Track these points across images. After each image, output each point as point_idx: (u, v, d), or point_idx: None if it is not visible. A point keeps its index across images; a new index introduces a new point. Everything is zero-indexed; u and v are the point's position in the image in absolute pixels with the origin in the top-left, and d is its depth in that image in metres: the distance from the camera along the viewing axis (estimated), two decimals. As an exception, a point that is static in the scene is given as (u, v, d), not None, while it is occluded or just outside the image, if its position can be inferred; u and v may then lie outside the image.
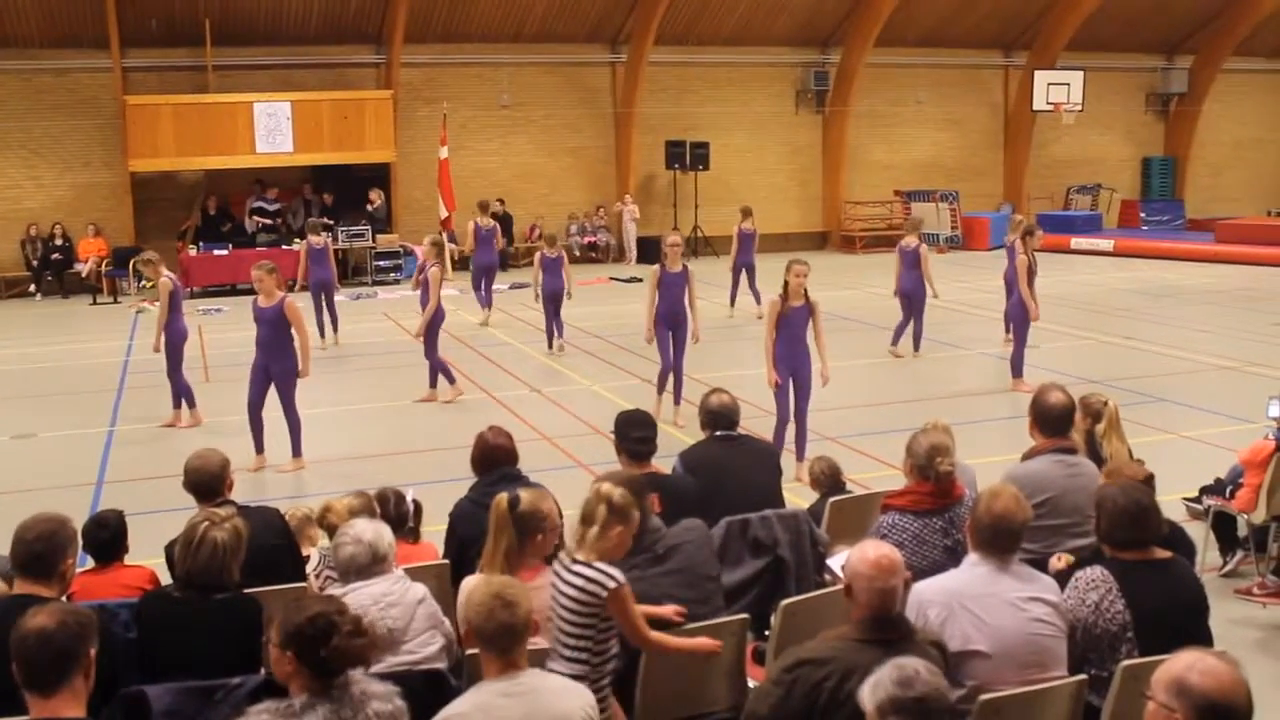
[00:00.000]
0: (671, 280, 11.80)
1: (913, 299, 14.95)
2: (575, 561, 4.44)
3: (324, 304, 16.74)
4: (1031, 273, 12.99)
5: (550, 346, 15.88)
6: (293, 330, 10.41)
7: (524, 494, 4.74)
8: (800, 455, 9.51)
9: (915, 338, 15.04)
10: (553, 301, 15.70)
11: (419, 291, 13.36)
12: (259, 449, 10.56)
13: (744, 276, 18.71)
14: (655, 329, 11.88)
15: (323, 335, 16.33)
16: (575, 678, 4.14)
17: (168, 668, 4.29)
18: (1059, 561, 5.23)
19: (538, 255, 16.07)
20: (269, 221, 23.68)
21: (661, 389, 11.93)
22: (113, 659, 4.04)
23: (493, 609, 3.66)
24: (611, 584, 4.33)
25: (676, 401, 11.82)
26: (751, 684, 4.71)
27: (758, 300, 18.74)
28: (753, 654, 5.19)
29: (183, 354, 12.18)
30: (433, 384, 13.05)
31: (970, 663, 4.21)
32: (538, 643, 4.26)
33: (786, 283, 9.67)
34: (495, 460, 5.84)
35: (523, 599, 3.73)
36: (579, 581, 4.36)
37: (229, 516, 4.66)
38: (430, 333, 12.86)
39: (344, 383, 14.30)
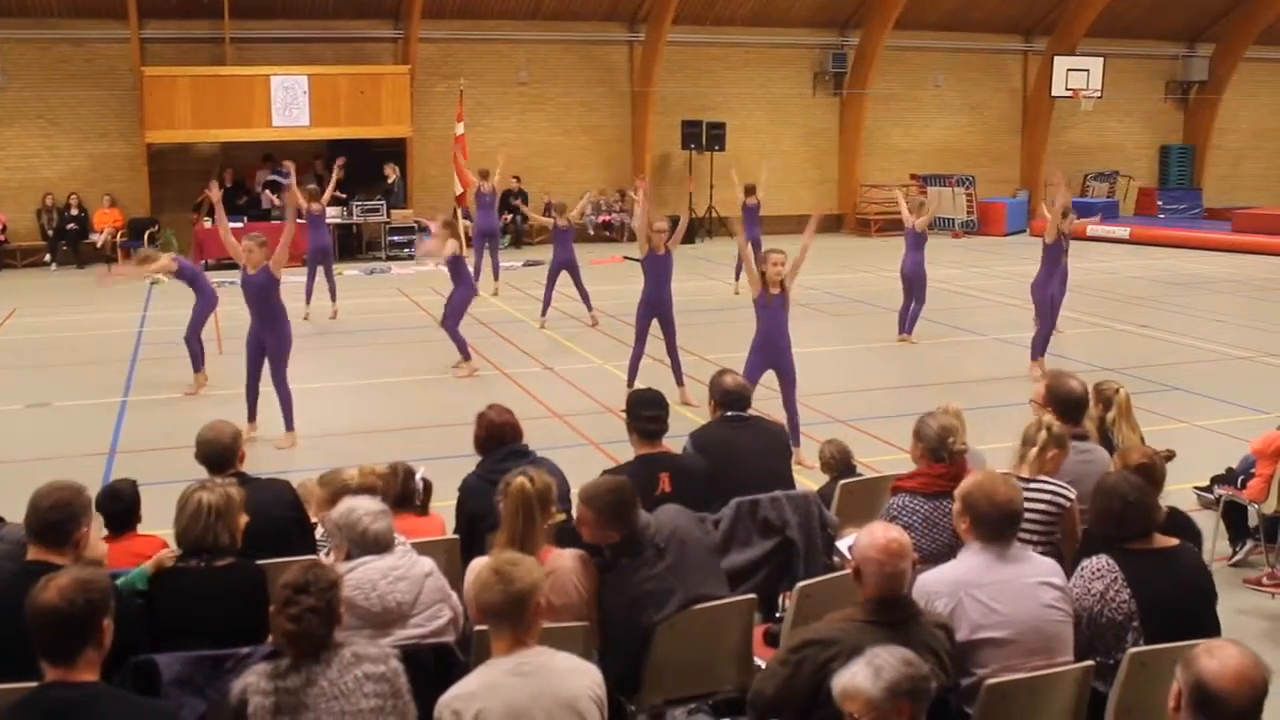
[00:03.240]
0: (658, 262, 11.70)
1: (913, 281, 14.91)
2: (1027, 480, 5.07)
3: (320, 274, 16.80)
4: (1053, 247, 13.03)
5: (544, 314, 15.94)
6: (279, 287, 10.68)
7: (532, 472, 4.74)
8: (794, 442, 9.38)
9: (911, 318, 14.98)
10: (567, 271, 15.75)
11: (443, 265, 13.33)
12: (251, 418, 10.61)
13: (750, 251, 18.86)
14: (638, 315, 11.86)
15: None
16: None
17: (174, 634, 4.32)
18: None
19: (551, 224, 16.19)
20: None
21: (632, 378, 11.86)
22: (125, 626, 4.05)
23: (496, 583, 3.65)
24: (1072, 494, 5.13)
25: (680, 383, 11.73)
26: (760, 664, 4.72)
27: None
28: (764, 635, 5.21)
29: (205, 321, 12.50)
30: (466, 357, 13.03)
31: (981, 651, 4.19)
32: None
33: (763, 273, 9.64)
34: (502, 438, 5.83)
35: (528, 575, 3.70)
36: (1045, 496, 5.08)
37: (226, 483, 4.67)
38: (455, 308, 12.86)
39: (354, 358, 14.31)
